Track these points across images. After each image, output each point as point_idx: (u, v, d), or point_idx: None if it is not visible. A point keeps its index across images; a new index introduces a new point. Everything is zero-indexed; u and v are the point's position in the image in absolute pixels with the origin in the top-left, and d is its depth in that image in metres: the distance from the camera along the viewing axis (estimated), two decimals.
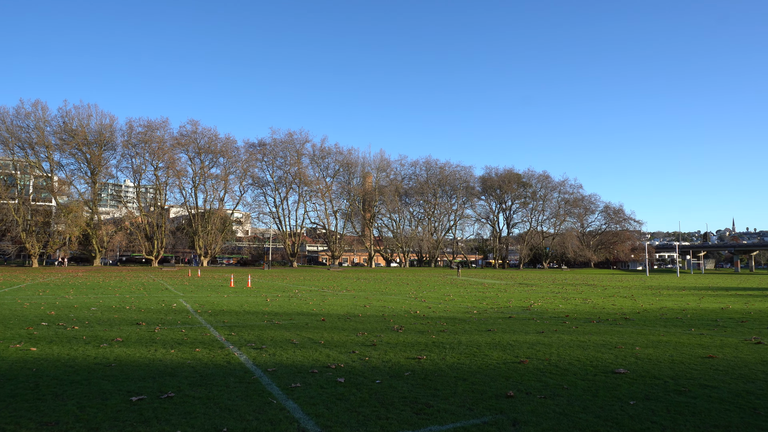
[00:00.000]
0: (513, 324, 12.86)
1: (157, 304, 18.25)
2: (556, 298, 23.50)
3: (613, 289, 32.91)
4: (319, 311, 16.09)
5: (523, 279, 51.55)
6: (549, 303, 20.21)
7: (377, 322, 13.26)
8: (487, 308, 17.64)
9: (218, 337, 10.43)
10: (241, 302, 19.33)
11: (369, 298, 22.04)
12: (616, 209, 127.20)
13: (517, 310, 16.94)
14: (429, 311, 16.36)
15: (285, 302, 19.56)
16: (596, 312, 16.54)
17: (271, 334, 10.91)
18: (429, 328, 11.88)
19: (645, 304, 20.22)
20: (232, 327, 12.05)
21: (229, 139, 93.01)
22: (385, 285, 35.45)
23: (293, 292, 26.96)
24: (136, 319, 13.33)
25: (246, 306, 17.74)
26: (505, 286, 35.03)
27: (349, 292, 27.21)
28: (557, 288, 33.18)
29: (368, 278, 49.85)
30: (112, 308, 16.37)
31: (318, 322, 13.20)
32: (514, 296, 24.38)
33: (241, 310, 16.40)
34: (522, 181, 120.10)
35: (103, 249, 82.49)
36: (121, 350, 8.75)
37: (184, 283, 34.88)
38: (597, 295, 25.55)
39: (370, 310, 16.46)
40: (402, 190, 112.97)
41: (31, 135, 76.71)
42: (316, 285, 34.93)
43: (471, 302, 20.34)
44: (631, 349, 8.90)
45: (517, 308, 17.75)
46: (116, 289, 27.64)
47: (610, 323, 13.25)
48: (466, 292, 27.39)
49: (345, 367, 7.44)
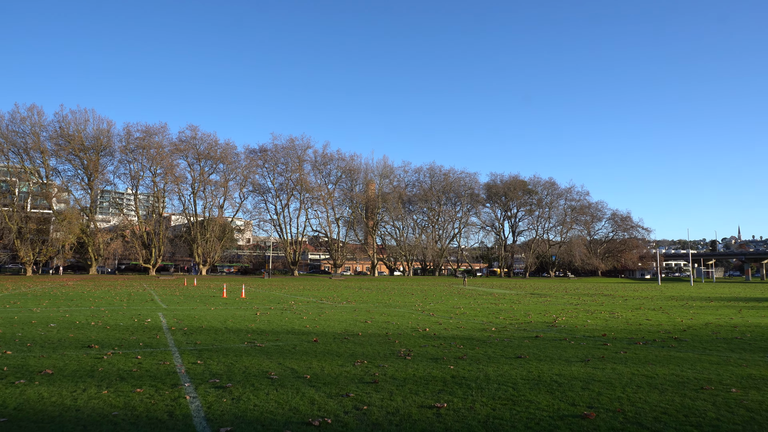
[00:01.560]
0: (545, 347, 10.61)
1: (130, 319, 16.05)
2: (578, 311, 21.21)
3: (634, 300, 30.55)
4: (312, 328, 13.86)
5: (532, 288, 49.17)
6: (573, 317, 17.93)
7: (380, 344, 11.03)
8: (506, 324, 15.37)
9: (178, 367, 8.22)
10: (226, 316, 17.11)
11: (371, 312, 19.80)
12: (623, 216, 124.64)
13: (541, 327, 14.67)
14: (439, 328, 14.11)
15: (276, 316, 17.33)
16: (634, 329, 14.26)
17: (246, 362, 8.70)
18: (443, 353, 9.66)
19: (681, 318, 17.91)
20: (202, 352, 9.84)
21: (229, 144, 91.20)
22: (388, 296, 33.20)
23: (289, 303, 24.74)
24: (92, 340, 11.14)
25: (230, 321, 15.53)
26: (516, 297, 32.72)
27: (349, 303, 24.97)
28: (574, 299, 30.85)
29: (371, 288, 47.56)
30: (75, 325, 14.17)
31: (309, 343, 10.99)
32: (531, 309, 22.09)
33: (222, 326, 14.18)
34: (528, 188, 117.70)
35: (99, 257, 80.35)
36: (34, 391, 6.54)
37: (175, 294, 32.68)
38: (621, 308, 23.23)
39: (371, 327, 14.22)
40: (405, 197, 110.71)
41: (26, 140, 74.92)
42: (315, 295, 32.70)
43: (485, 316, 18.07)
44: (726, 392, 6.64)
45: (541, 324, 15.48)
46: (97, 300, 25.47)
47: (661, 346, 10.99)
48: (477, 304, 25.12)
49: (334, 425, 5.22)
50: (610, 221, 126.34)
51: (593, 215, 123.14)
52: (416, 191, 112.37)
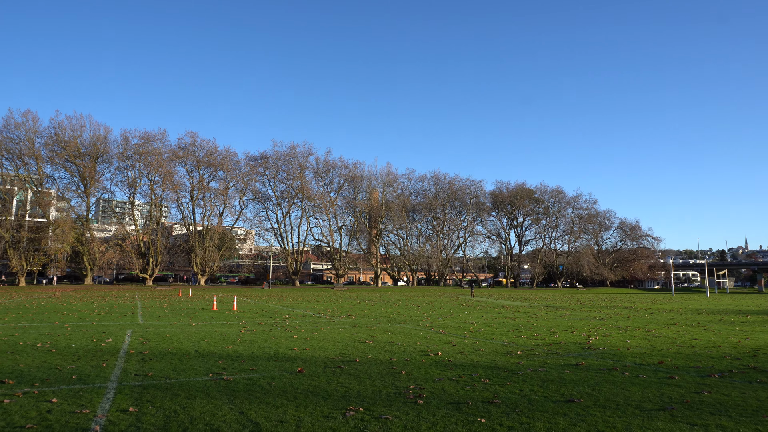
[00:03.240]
0: (596, 382, 8.17)
1: (89, 339, 13.67)
2: (607, 327, 18.71)
3: (661, 313, 27.99)
4: (300, 352, 11.45)
5: (544, 300, 46.56)
6: (608, 336, 15.45)
7: (382, 376, 8.62)
8: (532, 345, 12.92)
9: (98, 419, 5.83)
10: (204, 335, 14.72)
11: (372, 329, 17.37)
12: (632, 225, 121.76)
13: (575, 350, 12.23)
14: (454, 351, 11.68)
15: (262, 335, 14.93)
16: (689, 354, 11.78)
17: (197, 409, 6.31)
18: (466, 393, 7.24)
19: (733, 337, 15.39)
20: (147, 390, 7.45)
21: (229, 151, 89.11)
22: (392, 308, 30.73)
23: (282, 317, 22.33)
24: (14, 372, 8.78)
25: (205, 342, 13.13)
26: (530, 310, 30.20)
27: (349, 317, 22.55)
28: (594, 312, 28.31)
29: (374, 299, 45.09)
30: (13, 347, 11.80)
31: (291, 375, 8.59)
32: (552, 324, 19.60)
33: (193, 349, 11.80)
34: (534, 196, 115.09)
35: (95, 267, 78.05)
36: None
37: (162, 306, 30.30)
38: (654, 323, 20.71)
39: (372, 350, 11.81)
40: (409, 206, 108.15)
41: (20, 146, 73.02)
42: (313, 308, 30.25)
43: (504, 334, 15.61)
44: None
45: (573, 346, 13.02)
46: (71, 313, 23.12)
47: (747, 380, 8.53)
48: (491, 319, 22.64)
49: None
50: (618, 230, 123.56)
51: (601, 224, 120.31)
52: (420, 199, 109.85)
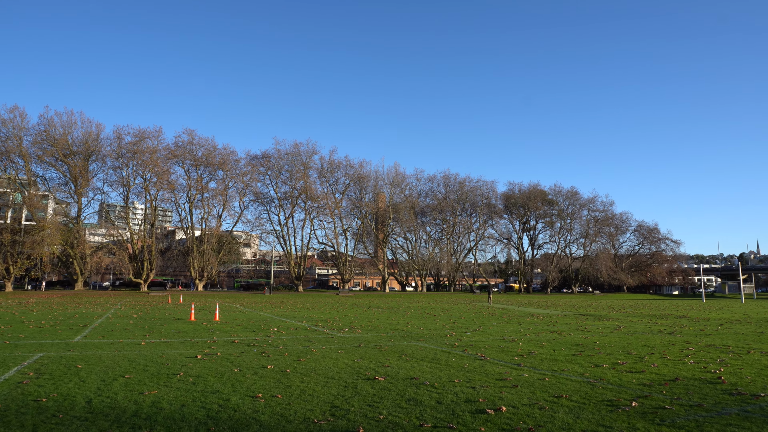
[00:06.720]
0: None
1: None
2: (699, 347, 13.92)
3: (728, 324, 23.11)
4: (266, 404, 6.77)
5: (571, 307, 41.62)
6: (724, 364, 10.67)
7: None
8: (635, 385, 8.18)
9: None
10: (134, 366, 10.08)
11: (384, 350, 12.66)
12: (650, 228, 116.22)
13: (710, 393, 7.49)
14: (519, 398, 6.96)
15: (221, 366, 10.26)
16: None
17: None
18: None
19: None
20: None
21: (228, 150, 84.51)
22: (404, 317, 26.00)
23: (269, 331, 17.69)
24: None
25: (118, 384, 8.49)
26: (568, 319, 25.39)
27: (353, 331, 17.86)
28: (651, 323, 23.44)
29: (382, 306, 40.36)
30: None
31: None
32: (624, 344, 14.81)
33: (84, 401, 7.17)
34: (548, 198, 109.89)
35: (86, 271, 73.68)
36: None
37: (134, 315, 25.71)
38: (751, 340, 15.89)
39: (386, 400, 7.12)
40: (418, 208, 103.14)
41: (7, 144, 68.88)
42: (312, 317, 25.57)
43: (571, 361, 10.87)
44: None
45: (699, 384, 8.27)
46: (6, 326, 18.57)
47: None
48: (532, 333, 17.87)
49: None
50: (635, 233, 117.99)
51: (618, 227, 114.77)
52: (429, 201, 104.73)
